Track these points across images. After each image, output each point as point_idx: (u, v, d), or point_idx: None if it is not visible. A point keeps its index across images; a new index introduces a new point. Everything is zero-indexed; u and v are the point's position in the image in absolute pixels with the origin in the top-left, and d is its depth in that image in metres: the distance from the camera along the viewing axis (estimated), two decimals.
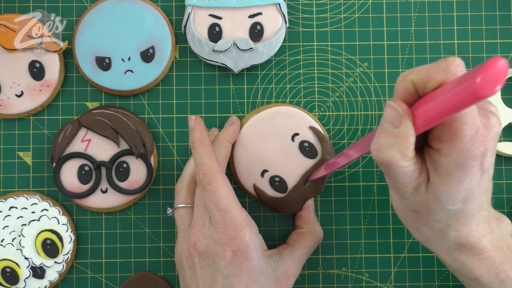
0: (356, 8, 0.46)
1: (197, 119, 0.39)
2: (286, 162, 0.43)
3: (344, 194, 0.46)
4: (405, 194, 0.31)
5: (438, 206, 0.31)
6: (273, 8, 0.44)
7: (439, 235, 0.33)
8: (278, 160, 0.43)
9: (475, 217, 0.32)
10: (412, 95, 0.29)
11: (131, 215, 0.45)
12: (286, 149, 0.43)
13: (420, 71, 0.29)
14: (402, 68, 0.46)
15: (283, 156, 0.43)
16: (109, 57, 0.44)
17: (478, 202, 0.31)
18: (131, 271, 0.45)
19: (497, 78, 0.23)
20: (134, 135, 0.43)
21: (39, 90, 0.44)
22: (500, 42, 0.46)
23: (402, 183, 0.31)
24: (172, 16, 0.46)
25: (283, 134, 0.43)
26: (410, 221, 0.34)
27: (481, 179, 0.30)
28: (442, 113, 0.26)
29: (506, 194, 0.45)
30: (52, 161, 0.44)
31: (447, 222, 0.32)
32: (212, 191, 0.36)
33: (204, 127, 0.39)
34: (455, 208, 0.31)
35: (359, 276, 0.45)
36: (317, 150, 0.43)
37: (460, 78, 0.26)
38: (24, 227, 0.43)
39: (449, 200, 0.30)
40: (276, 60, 0.46)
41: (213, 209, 0.37)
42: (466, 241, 0.32)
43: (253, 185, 0.43)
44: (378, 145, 0.30)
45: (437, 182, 0.30)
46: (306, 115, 0.44)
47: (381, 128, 0.30)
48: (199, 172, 0.37)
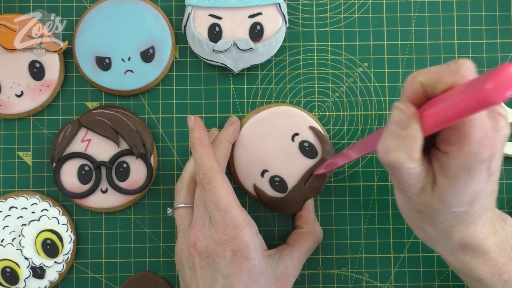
0: (356, 8, 0.46)
1: (196, 119, 0.39)
2: (286, 162, 0.43)
3: (344, 194, 0.46)
4: (411, 195, 0.31)
5: (443, 208, 0.31)
6: (273, 8, 0.44)
7: (443, 236, 0.33)
8: (278, 160, 0.43)
9: (480, 219, 0.32)
10: (421, 97, 0.29)
11: (131, 215, 0.45)
12: (286, 149, 0.43)
13: (429, 72, 0.29)
14: (402, 68, 0.46)
15: (283, 156, 0.43)
16: (109, 57, 0.44)
17: (483, 204, 0.31)
18: (131, 271, 0.45)
19: (507, 84, 0.22)
20: (134, 135, 0.43)
21: (39, 90, 0.44)
22: (500, 42, 0.46)
23: (408, 184, 0.31)
24: (172, 16, 0.46)
25: (283, 134, 0.43)
26: (414, 221, 0.34)
27: (487, 181, 0.30)
28: (450, 116, 0.26)
29: (506, 194, 0.45)
30: (52, 161, 0.44)
31: (452, 223, 0.32)
32: (212, 191, 0.36)
33: (204, 127, 0.39)
34: (460, 210, 0.31)
35: (359, 276, 0.45)
36: (317, 150, 0.43)
37: (470, 82, 0.25)
38: (24, 227, 0.43)
39: (455, 202, 0.30)
40: (276, 60, 0.46)
41: (213, 209, 0.37)
42: (470, 242, 0.32)
43: (253, 185, 0.43)
44: (385, 147, 0.30)
45: (444, 184, 0.30)
46: (306, 115, 0.44)
47: (388, 129, 0.30)
48: (199, 172, 0.37)
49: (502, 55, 0.46)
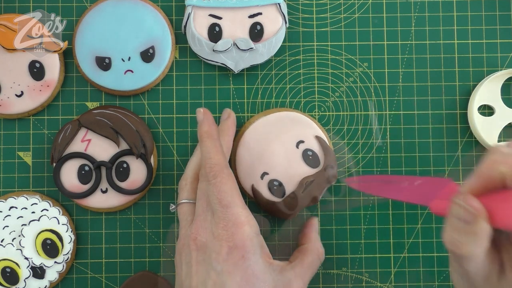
0: (356, 8, 0.46)
1: (205, 111, 0.39)
2: (287, 168, 0.43)
3: (344, 194, 0.46)
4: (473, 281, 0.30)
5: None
6: (273, 8, 0.44)
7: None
8: (280, 165, 0.43)
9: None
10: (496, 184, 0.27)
11: (131, 215, 0.45)
12: (289, 155, 0.43)
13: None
14: (402, 68, 0.46)
15: (285, 161, 0.43)
16: (109, 57, 0.44)
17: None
18: (131, 271, 0.45)
19: None
20: (134, 135, 0.43)
21: (39, 90, 0.44)
22: (500, 42, 0.46)
23: (474, 272, 0.29)
24: (172, 16, 0.46)
25: (288, 139, 0.43)
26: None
27: None
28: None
29: None
30: (52, 161, 0.44)
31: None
32: (217, 185, 0.36)
33: (213, 120, 0.39)
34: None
35: (359, 276, 0.45)
36: (320, 160, 0.43)
37: None
38: (24, 227, 0.43)
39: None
40: (276, 60, 0.46)
41: (216, 203, 0.36)
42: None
43: (251, 186, 0.43)
44: (452, 240, 0.28)
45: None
46: (314, 124, 0.44)
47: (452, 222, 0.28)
48: (205, 166, 0.37)
49: (502, 55, 0.46)
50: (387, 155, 0.46)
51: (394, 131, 0.46)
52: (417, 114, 0.46)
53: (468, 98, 0.46)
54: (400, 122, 0.46)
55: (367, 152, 0.46)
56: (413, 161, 0.45)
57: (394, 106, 0.46)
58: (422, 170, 0.45)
